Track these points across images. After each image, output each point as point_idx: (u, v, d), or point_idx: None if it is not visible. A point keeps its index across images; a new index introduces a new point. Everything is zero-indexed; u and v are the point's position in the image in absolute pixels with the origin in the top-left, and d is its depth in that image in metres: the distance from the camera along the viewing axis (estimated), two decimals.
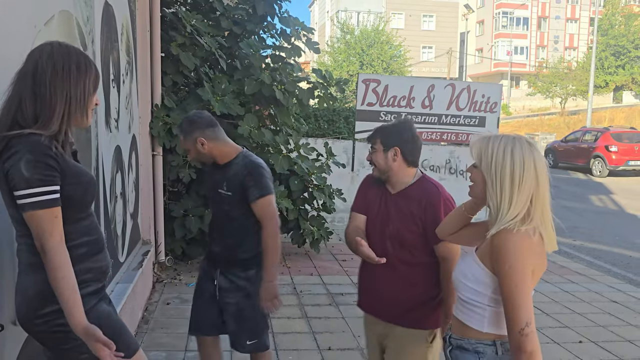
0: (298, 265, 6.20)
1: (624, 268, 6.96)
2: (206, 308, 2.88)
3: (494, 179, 1.66)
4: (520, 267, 1.59)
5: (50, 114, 1.62)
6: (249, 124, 5.74)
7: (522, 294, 1.58)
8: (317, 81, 6.49)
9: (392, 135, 2.48)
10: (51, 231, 1.59)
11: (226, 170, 2.72)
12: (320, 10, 54.08)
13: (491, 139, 1.70)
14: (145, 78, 5.04)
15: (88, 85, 1.70)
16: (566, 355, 4.08)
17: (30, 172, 1.56)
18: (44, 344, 1.75)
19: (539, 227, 1.64)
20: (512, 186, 1.63)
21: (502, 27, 45.69)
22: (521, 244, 1.60)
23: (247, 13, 6.48)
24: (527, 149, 1.67)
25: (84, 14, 2.88)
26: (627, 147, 17.90)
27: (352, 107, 12.27)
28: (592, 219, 10.49)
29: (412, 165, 2.45)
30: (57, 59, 1.64)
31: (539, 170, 1.66)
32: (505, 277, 1.59)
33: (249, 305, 2.78)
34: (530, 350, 1.56)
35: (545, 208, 1.67)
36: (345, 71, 29.45)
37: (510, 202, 1.63)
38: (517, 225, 1.62)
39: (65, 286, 1.59)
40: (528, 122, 35.47)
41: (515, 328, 1.57)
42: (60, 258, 1.60)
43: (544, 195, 1.66)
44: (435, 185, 2.43)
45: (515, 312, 1.57)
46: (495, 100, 9.10)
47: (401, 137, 2.45)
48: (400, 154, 2.42)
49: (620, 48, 38.65)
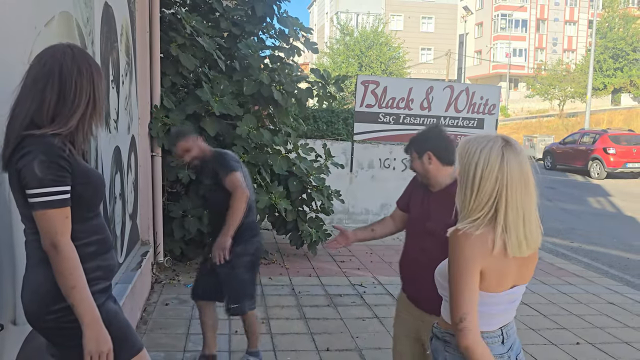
0: (297, 266, 6.21)
1: (622, 270, 6.97)
2: (204, 280, 3.57)
3: (461, 179, 1.69)
4: (462, 266, 1.62)
5: (70, 113, 1.68)
6: (247, 125, 5.75)
7: (460, 290, 1.62)
8: (315, 80, 6.50)
9: (423, 141, 2.63)
10: (63, 231, 1.63)
11: (205, 166, 3.44)
12: (320, 11, 54.14)
13: (471, 140, 1.70)
14: (145, 79, 5.04)
15: (104, 87, 1.81)
16: (563, 357, 4.09)
17: (43, 172, 1.59)
18: (51, 340, 1.77)
19: (504, 230, 1.61)
20: (472, 187, 1.64)
21: (500, 29, 45.75)
22: (464, 243, 1.62)
23: (246, 14, 6.49)
24: (498, 149, 1.62)
25: (84, 15, 2.88)
26: (625, 149, 17.94)
27: (351, 109, 12.29)
28: (590, 221, 10.50)
29: (447, 164, 2.58)
30: (81, 61, 1.71)
31: (507, 172, 1.60)
32: (449, 273, 1.66)
33: (232, 276, 3.41)
34: (465, 346, 1.61)
35: (516, 211, 1.61)
36: (344, 72, 29.50)
37: (469, 203, 1.64)
38: (473, 226, 1.62)
39: (77, 280, 1.64)
40: (526, 124, 35.51)
41: (452, 321, 1.65)
42: (74, 255, 1.65)
43: (516, 198, 1.61)
44: None
45: (453, 305, 1.64)
46: (494, 102, 9.12)
47: (431, 141, 2.61)
48: (434, 157, 2.56)
49: (618, 51, 38.72)
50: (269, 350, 3.96)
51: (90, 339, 1.66)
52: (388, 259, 6.66)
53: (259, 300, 5.03)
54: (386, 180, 8.98)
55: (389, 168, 9.00)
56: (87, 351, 1.65)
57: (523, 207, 1.63)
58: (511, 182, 1.61)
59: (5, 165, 1.66)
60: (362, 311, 4.86)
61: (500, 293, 1.69)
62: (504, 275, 1.68)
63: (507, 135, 1.74)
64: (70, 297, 1.63)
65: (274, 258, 6.52)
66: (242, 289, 3.47)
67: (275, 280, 5.66)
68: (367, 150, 8.93)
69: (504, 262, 1.65)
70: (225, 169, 3.27)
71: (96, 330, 1.67)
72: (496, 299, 1.69)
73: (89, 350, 1.65)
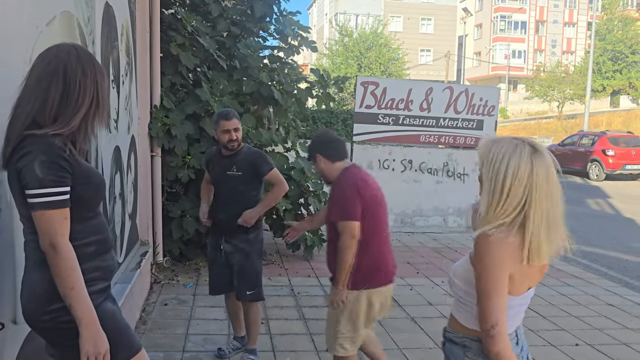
0: (296, 267, 6.21)
1: (621, 271, 6.98)
2: (220, 272, 3.71)
3: (487, 183, 1.67)
4: (493, 272, 1.61)
5: (73, 113, 1.68)
6: (246, 124, 5.74)
7: (492, 297, 1.61)
8: (315, 81, 6.51)
9: (312, 147, 3.15)
10: (62, 232, 1.63)
11: (234, 157, 3.58)
12: (319, 12, 54.17)
13: (495, 143, 1.69)
14: (145, 79, 5.04)
15: (107, 88, 1.79)
16: (562, 358, 4.09)
17: (43, 173, 1.59)
18: (49, 340, 1.77)
19: (527, 236, 1.62)
20: (501, 194, 1.63)
21: (500, 30, 45.81)
22: (495, 249, 1.61)
23: (246, 14, 6.49)
24: (527, 156, 1.63)
25: (85, 15, 2.89)
26: (624, 151, 17.96)
27: (350, 110, 12.30)
28: (589, 223, 10.51)
29: (337, 160, 3.06)
30: (85, 62, 1.71)
31: (535, 181, 1.62)
32: (478, 279, 1.64)
33: (248, 263, 3.61)
34: (496, 352, 1.60)
35: (539, 219, 1.62)
36: (344, 73, 29.50)
37: (496, 209, 1.64)
38: (501, 231, 1.62)
39: (75, 282, 1.63)
40: (525, 126, 35.53)
41: (483, 327, 1.62)
42: (72, 256, 1.64)
43: (541, 205, 1.62)
44: (351, 172, 3.01)
45: (483, 312, 1.62)
46: (493, 104, 9.13)
47: (317, 146, 3.11)
48: (323, 157, 3.05)
49: (617, 53, 38.78)
50: (268, 351, 3.96)
51: (88, 340, 1.65)
52: None
53: None
54: (385, 181, 8.88)
55: (388, 169, 9.00)
56: (84, 352, 1.65)
57: (547, 216, 1.64)
58: (538, 191, 1.62)
59: (5, 164, 1.66)
60: None
61: (519, 296, 1.71)
62: (525, 280, 1.70)
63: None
64: (68, 298, 1.63)
65: (273, 259, 6.52)
66: (257, 276, 3.68)
67: (275, 281, 5.66)
68: (366, 151, 8.93)
69: (528, 268, 1.67)
70: (269, 164, 3.63)
71: (94, 331, 1.66)
72: (515, 301, 1.70)
73: (86, 351, 1.65)
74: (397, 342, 4.21)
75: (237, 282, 3.63)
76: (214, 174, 3.73)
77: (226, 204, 3.62)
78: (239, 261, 3.61)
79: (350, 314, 2.95)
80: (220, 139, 3.57)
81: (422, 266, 6.58)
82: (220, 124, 3.52)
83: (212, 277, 3.84)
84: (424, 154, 9.13)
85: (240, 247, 3.61)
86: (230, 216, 3.57)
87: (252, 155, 3.64)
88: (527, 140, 1.69)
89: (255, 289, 3.65)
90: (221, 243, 3.66)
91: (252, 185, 3.62)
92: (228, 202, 3.62)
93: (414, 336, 4.37)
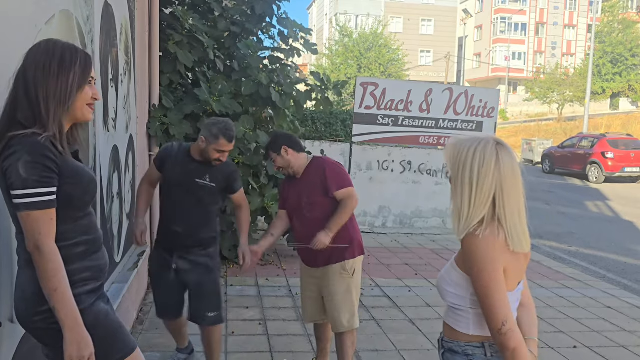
0: (294, 268, 6.19)
1: (619, 274, 6.98)
2: (169, 293, 3.33)
3: (456, 180, 1.67)
4: (490, 269, 1.60)
5: (42, 113, 1.63)
6: (244, 126, 5.73)
7: (495, 295, 1.59)
8: (315, 84, 6.50)
9: (275, 141, 3.29)
10: (47, 232, 1.60)
11: (207, 166, 3.21)
12: (319, 12, 54.17)
13: (460, 142, 1.70)
14: (143, 78, 5.03)
15: (72, 80, 1.68)
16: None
17: (27, 173, 1.56)
18: (41, 340, 1.76)
19: (506, 227, 1.63)
20: (471, 186, 1.63)
21: (500, 32, 45.83)
22: (486, 246, 1.61)
23: (245, 13, 6.48)
24: (491, 148, 1.64)
25: (84, 14, 2.88)
26: (624, 153, 17.98)
27: (350, 110, 12.29)
28: (588, 225, 10.51)
29: (300, 151, 3.30)
30: (40, 58, 1.65)
31: (502, 169, 1.62)
32: (477, 280, 1.62)
33: (210, 280, 3.27)
34: (513, 347, 1.58)
35: (513, 208, 1.64)
36: (343, 74, 29.49)
37: (470, 203, 1.64)
38: (483, 227, 1.62)
39: (59, 284, 1.61)
40: (525, 128, 35.55)
41: (494, 328, 1.60)
42: (57, 258, 1.61)
43: (511, 195, 1.64)
44: (322, 158, 3.38)
45: (490, 312, 1.60)
46: (493, 105, 9.13)
47: (281, 138, 3.28)
48: (289, 148, 3.23)
49: (617, 55, 38.83)
50: (266, 352, 3.95)
51: (72, 343, 1.62)
52: (386, 261, 6.65)
53: (256, 301, 5.03)
54: (384, 182, 8.99)
55: (387, 170, 9.00)
56: (67, 355, 1.63)
57: (518, 204, 1.66)
58: (506, 180, 1.63)
59: None
60: (359, 313, 4.84)
61: (514, 291, 1.70)
62: (516, 273, 1.69)
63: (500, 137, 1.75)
64: (52, 299, 1.60)
65: (271, 259, 6.51)
66: (220, 295, 3.35)
67: (272, 282, 5.65)
68: (365, 152, 8.93)
69: (516, 259, 1.67)
70: (240, 183, 3.44)
71: (78, 334, 1.63)
72: (511, 297, 1.68)
73: (70, 354, 1.63)
74: (395, 344, 4.21)
75: (194, 304, 3.26)
76: (173, 176, 3.23)
77: (187, 215, 3.18)
78: (198, 279, 3.22)
79: (357, 281, 3.37)
80: (209, 153, 3.15)
81: (420, 268, 6.57)
82: (220, 142, 3.11)
83: (160, 298, 3.40)
84: (423, 155, 9.14)
85: (200, 261, 3.23)
86: (189, 228, 3.18)
87: (229, 169, 3.31)
88: (490, 135, 1.71)
89: (219, 311, 3.29)
90: (172, 260, 3.24)
91: (217, 199, 3.30)
92: (190, 212, 3.18)
93: (412, 338, 4.37)
